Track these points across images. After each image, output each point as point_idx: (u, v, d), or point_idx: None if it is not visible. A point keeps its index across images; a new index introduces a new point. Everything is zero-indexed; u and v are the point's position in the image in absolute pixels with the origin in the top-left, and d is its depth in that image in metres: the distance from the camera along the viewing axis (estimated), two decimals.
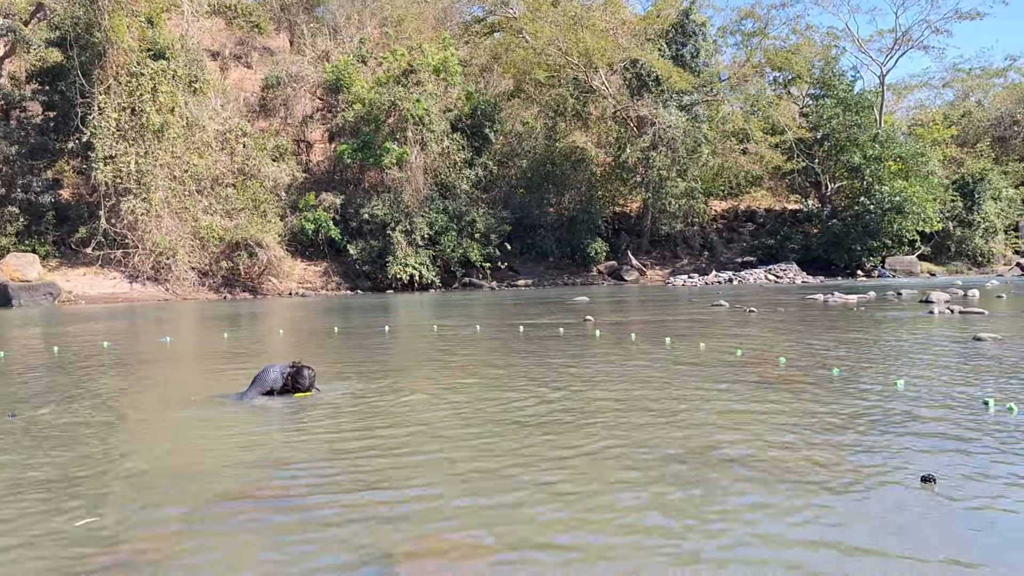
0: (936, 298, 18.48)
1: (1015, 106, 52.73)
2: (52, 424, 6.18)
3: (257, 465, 4.84)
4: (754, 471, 4.46)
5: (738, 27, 47.99)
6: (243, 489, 4.33)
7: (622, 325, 14.66)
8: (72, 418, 6.40)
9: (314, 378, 7.27)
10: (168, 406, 7.01)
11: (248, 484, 4.43)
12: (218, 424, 6.22)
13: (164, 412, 6.74)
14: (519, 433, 5.54)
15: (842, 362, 8.63)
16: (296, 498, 4.16)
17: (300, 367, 7.25)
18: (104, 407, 6.87)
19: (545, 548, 3.40)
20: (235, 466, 4.84)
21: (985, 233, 43.16)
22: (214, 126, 35.18)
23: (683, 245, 44.05)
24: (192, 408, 6.88)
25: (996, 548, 3.32)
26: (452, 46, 40.54)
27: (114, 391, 7.78)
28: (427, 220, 36.42)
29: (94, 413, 6.59)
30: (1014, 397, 6.41)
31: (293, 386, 7.19)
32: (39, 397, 7.47)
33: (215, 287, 33.29)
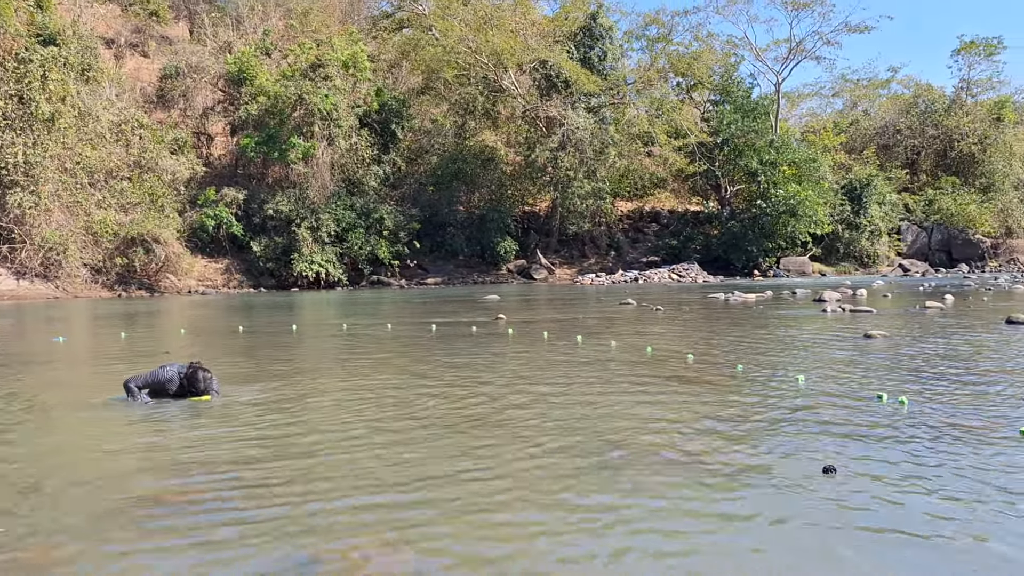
0: (828, 297, 19.43)
1: (898, 116, 55.90)
2: None
3: (159, 471, 4.68)
4: (663, 465, 4.61)
5: (643, 32, 49.19)
6: (145, 496, 4.19)
7: (534, 323, 14.82)
8: None
9: (210, 380, 6.94)
10: (64, 409, 6.68)
11: (150, 491, 4.28)
12: (117, 428, 5.97)
13: (59, 415, 6.42)
14: (432, 435, 5.55)
15: (745, 359, 8.98)
16: (199, 504, 4.05)
17: (196, 369, 6.92)
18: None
19: (456, 551, 3.43)
20: (136, 472, 4.67)
21: (871, 236, 45.57)
22: (108, 117, 33.58)
23: (590, 244, 44.80)
24: (89, 411, 6.58)
25: (892, 531, 3.54)
26: (361, 41, 40.00)
27: (3, 394, 7.36)
28: (334, 217, 35.81)
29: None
30: (904, 391, 6.83)
31: (189, 389, 6.91)
32: None
33: (109, 284, 31.82)
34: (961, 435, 5.27)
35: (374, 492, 4.18)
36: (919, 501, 3.94)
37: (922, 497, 4.00)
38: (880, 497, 4.00)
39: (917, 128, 54.64)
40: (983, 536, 3.47)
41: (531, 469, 4.59)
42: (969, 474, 4.38)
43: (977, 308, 17.19)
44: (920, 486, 4.19)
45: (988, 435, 5.28)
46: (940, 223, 49.04)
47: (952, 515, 3.73)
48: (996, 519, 3.68)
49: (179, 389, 6.91)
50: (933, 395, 6.71)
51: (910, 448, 4.96)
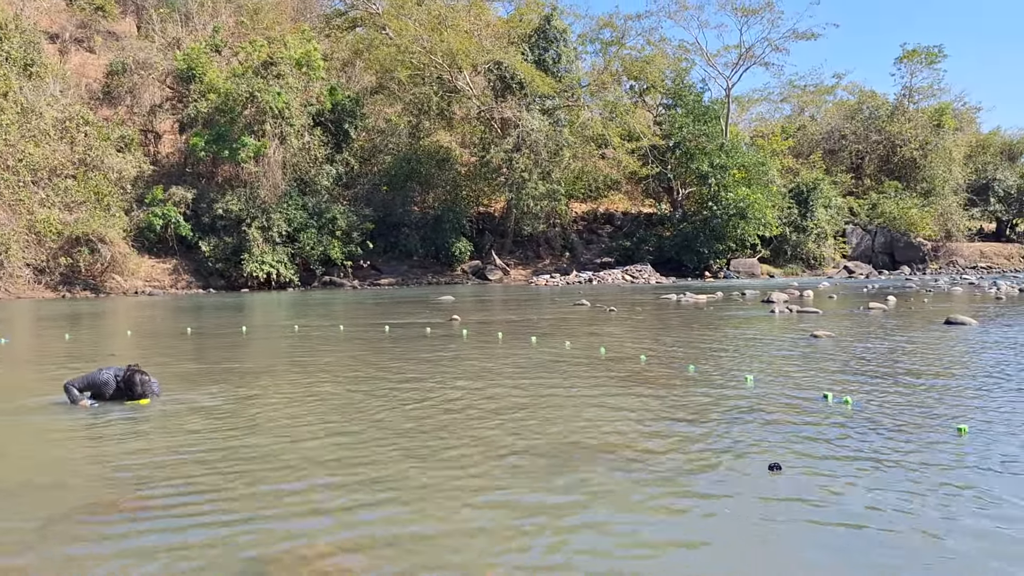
0: (776, 298, 19.83)
1: (843, 121, 57.28)
2: None
3: (100, 477, 4.60)
4: (617, 465, 4.68)
5: (597, 35, 49.61)
6: (88, 503, 4.12)
7: (488, 324, 14.85)
8: None
9: (148, 384, 6.78)
10: (3, 413, 6.51)
11: (93, 497, 4.21)
12: (57, 433, 5.84)
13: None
14: (385, 437, 5.54)
15: (697, 359, 9.14)
16: (144, 511, 4.00)
17: (133, 372, 6.76)
18: None
19: (404, 551, 3.45)
20: (77, 478, 4.58)
21: (817, 238, 46.58)
22: (52, 113, 32.73)
23: (545, 245, 44.99)
24: (29, 414, 6.43)
25: (839, 526, 3.66)
26: (314, 39, 39.60)
27: None
28: (285, 216, 35.38)
29: None
30: (849, 390, 7.02)
31: (126, 392, 6.75)
32: None
33: (53, 285, 30.99)
34: (903, 432, 5.45)
35: (323, 494, 4.17)
36: (865, 497, 4.07)
37: (868, 493, 4.13)
38: (826, 493, 4.12)
39: (861, 133, 56.04)
40: (930, 530, 3.60)
41: (482, 470, 4.62)
42: (911, 470, 4.53)
43: (918, 309, 17.72)
44: (865, 482, 4.32)
45: (928, 432, 5.47)
46: (883, 226, 50.35)
47: (897, 509, 3.86)
48: (941, 513, 3.82)
49: (116, 392, 6.76)
50: (876, 393, 6.92)
51: (855, 445, 5.11)
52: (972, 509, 3.86)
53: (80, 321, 18.32)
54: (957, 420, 5.75)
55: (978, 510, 3.85)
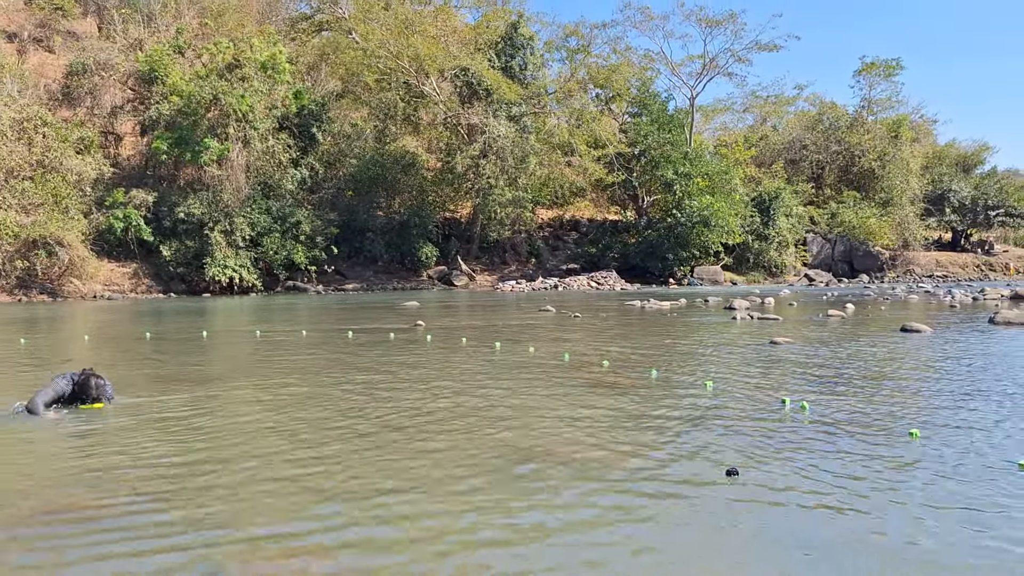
0: (738, 305, 20.07)
1: (804, 132, 58.28)
2: None
3: (51, 484, 4.53)
4: (575, 470, 4.72)
5: (564, 43, 49.89)
6: (38, 511, 4.05)
7: (453, 330, 14.84)
8: None
9: (103, 387, 6.70)
10: None
11: (44, 505, 4.14)
12: (7, 440, 5.73)
13: None
14: (344, 443, 5.53)
15: (659, 365, 9.23)
16: (95, 520, 3.94)
17: (88, 375, 6.68)
18: None
19: (360, 559, 3.45)
20: (27, 486, 4.50)
21: (779, 246, 47.27)
22: (9, 114, 31.99)
23: (511, 251, 45.06)
24: None
25: (789, 530, 3.73)
26: (279, 42, 39.27)
27: None
28: (248, 220, 34.98)
29: None
30: (806, 395, 7.15)
31: (80, 396, 6.65)
32: None
33: (8, 289, 30.28)
34: (857, 436, 5.57)
35: (280, 501, 4.14)
36: (821, 500, 4.15)
37: (823, 496, 4.22)
38: (783, 498, 4.20)
39: (822, 144, 57.04)
40: (883, 532, 3.68)
41: (441, 476, 4.63)
42: (864, 473, 4.63)
43: (875, 316, 18.07)
44: (820, 486, 4.41)
45: (881, 436, 5.59)
46: (843, 235, 51.26)
47: (851, 511, 3.95)
48: (893, 515, 3.91)
49: (71, 396, 6.66)
50: (833, 398, 7.06)
51: (810, 450, 5.21)
52: (925, 511, 3.96)
53: (36, 325, 17.95)
54: (909, 424, 5.89)
55: (929, 512, 3.95)
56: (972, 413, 6.38)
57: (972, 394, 7.27)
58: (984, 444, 5.33)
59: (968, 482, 4.45)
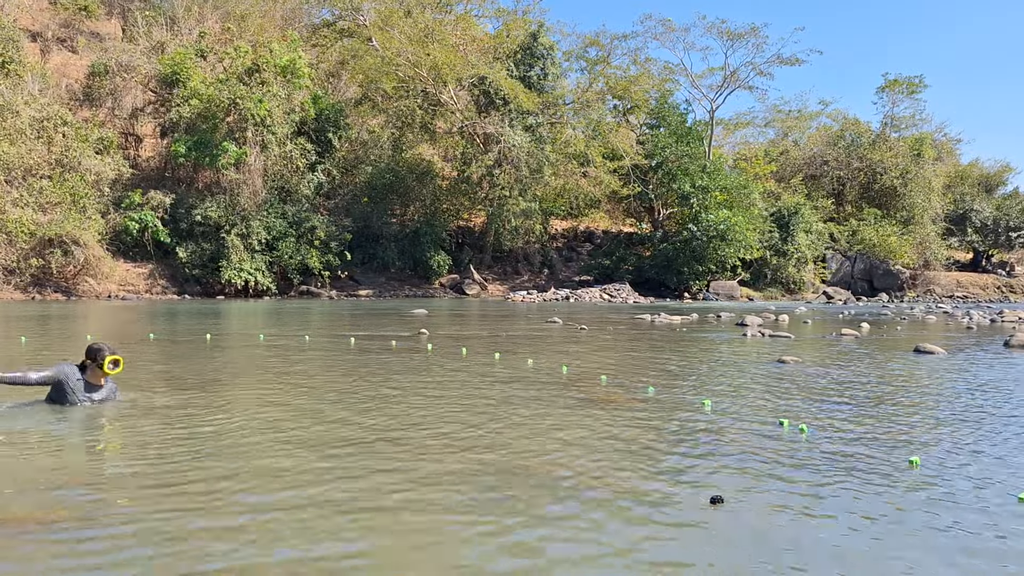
0: (750, 321, 19.78)
1: (825, 147, 57.80)
2: None
3: (27, 489, 4.39)
4: (560, 489, 4.53)
5: (583, 53, 49.86)
6: (19, 513, 3.92)
7: (456, 339, 14.68)
8: None
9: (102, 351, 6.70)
10: None
11: (18, 511, 4.01)
12: None
13: None
14: (333, 455, 5.36)
15: (658, 381, 9.01)
16: (65, 530, 3.80)
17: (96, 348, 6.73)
18: None
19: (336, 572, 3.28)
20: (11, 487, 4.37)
21: (797, 262, 46.81)
22: (29, 112, 32.33)
23: (524, 262, 44.93)
24: None
25: (772, 561, 3.52)
26: (300, 47, 39.48)
27: None
28: (265, 224, 35.13)
29: None
30: (806, 417, 6.91)
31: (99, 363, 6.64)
32: None
33: (23, 287, 30.52)
34: (855, 463, 5.33)
35: (252, 514, 3.98)
36: (809, 530, 3.94)
37: (812, 527, 4.00)
38: (768, 528, 3.98)
39: (843, 160, 56.53)
40: (874, 563, 3.47)
41: (420, 493, 4.45)
42: (864, 504, 4.39)
43: (891, 336, 17.71)
44: (811, 515, 4.19)
45: (880, 463, 5.34)
46: (863, 253, 50.70)
47: (847, 546, 3.73)
48: (885, 547, 3.69)
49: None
50: (834, 422, 6.81)
51: (804, 476, 4.97)
52: (919, 543, 3.74)
53: (44, 324, 17.97)
54: (912, 451, 5.64)
55: (924, 545, 3.72)
56: (978, 441, 6.12)
57: (979, 421, 6.99)
58: (987, 475, 5.08)
59: (966, 514, 4.21)
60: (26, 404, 6.73)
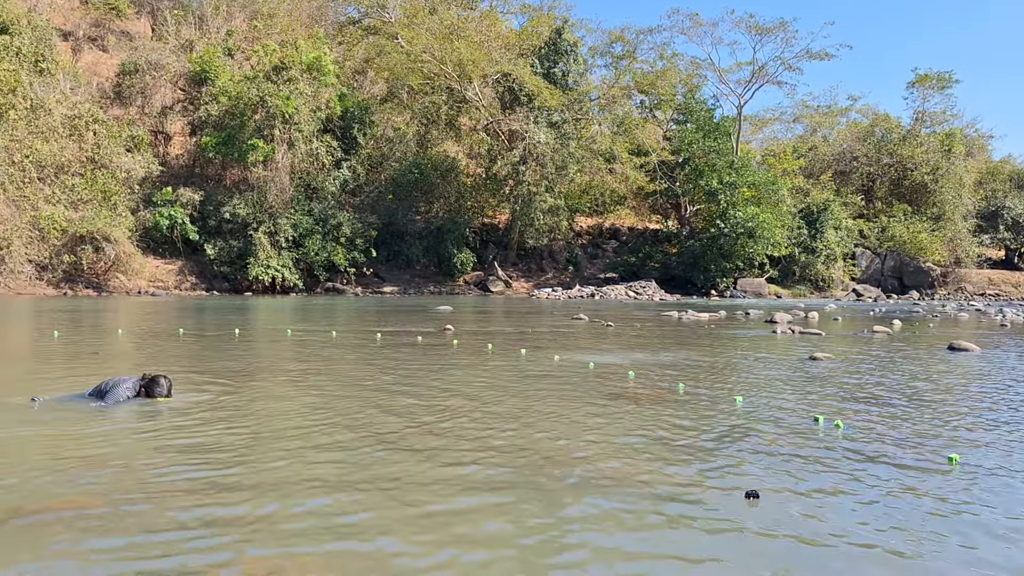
0: (780, 319, 19.54)
1: (855, 143, 57.04)
2: None
3: (57, 477, 4.42)
4: (590, 485, 4.47)
5: (608, 49, 49.62)
6: (43, 505, 3.93)
7: (481, 335, 14.65)
8: None
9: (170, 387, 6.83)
10: None
11: (53, 499, 4.02)
12: (23, 432, 5.67)
13: None
14: (359, 446, 5.34)
15: (688, 378, 8.91)
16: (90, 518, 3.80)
17: (155, 377, 6.83)
18: None
19: (380, 567, 3.25)
20: (32, 478, 4.40)
21: (826, 260, 46.26)
22: (62, 110, 32.80)
23: (549, 259, 44.81)
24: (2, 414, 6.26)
25: (809, 559, 3.44)
26: (326, 45, 39.67)
27: None
28: (292, 221, 35.36)
29: None
30: (841, 413, 6.79)
31: (147, 396, 6.76)
32: None
33: (55, 282, 30.98)
34: (893, 459, 5.21)
35: (269, 507, 3.97)
36: (846, 526, 3.85)
37: (849, 522, 3.91)
38: (805, 523, 3.90)
39: (873, 156, 55.77)
40: (911, 560, 3.38)
41: (447, 489, 4.41)
42: (899, 501, 4.29)
43: (923, 334, 17.43)
44: (847, 511, 4.09)
45: (918, 460, 5.23)
46: (893, 250, 50.00)
47: (886, 544, 3.64)
48: (922, 544, 3.59)
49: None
50: (869, 418, 6.68)
51: (841, 472, 4.87)
52: (955, 540, 3.63)
53: (76, 319, 18.21)
54: (949, 448, 5.51)
55: (960, 540, 3.62)
56: (1018, 438, 5.97)
57: (1017, 418, 6.83)
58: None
59: (1009, 511, 4.09)
60: (69, 397, 6.80)
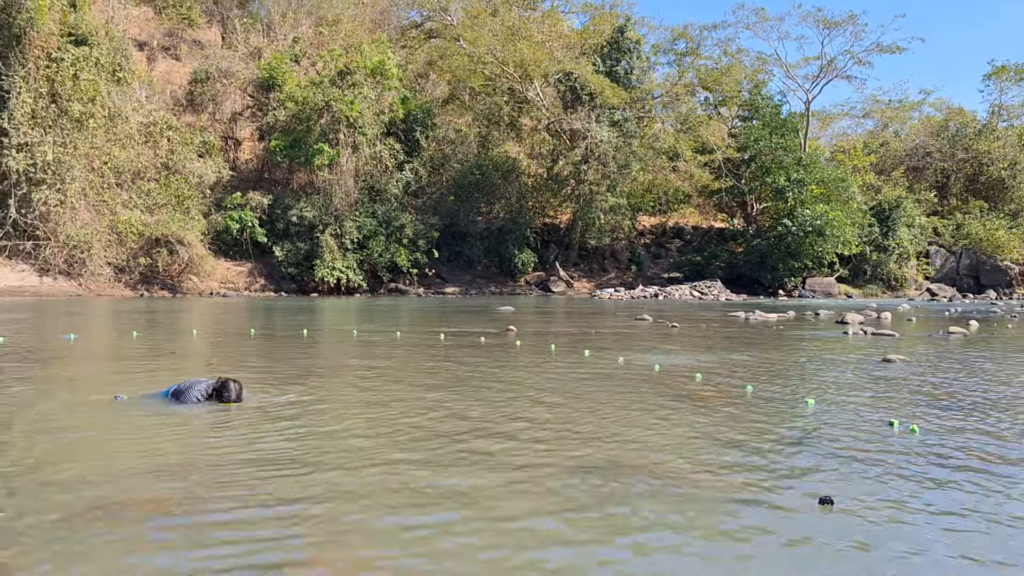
0: (851, 319, 19.01)
1: (928, 138, 55.18)
2: None
3: (142, 474, 4.56)
4: (659, 489, 4.41)
5: (671, 46, 49.04)
6: (126, 498, 4.07)
7: (544, 336, 14.64)
8: None
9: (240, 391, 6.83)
10: (54, 408, 6.59)
11: (134, 493, 4.16)
12: (107, 430, 5.87)
13: (49, 414, 6.34)
14: (426, 447, 5.38)
15: (756, 380, 8.74)
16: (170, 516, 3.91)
17: (226, 381, 6.85)
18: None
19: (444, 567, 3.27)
20: (119, 474, 4.55)
21: (899, 258, 44.87)
22: (138, 118, 33.97)
23: (611, 259, 44.52)
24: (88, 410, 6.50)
25: (883, 567, 3.32)
26: (390, 49, 40.18)
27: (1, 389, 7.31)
28: (356, 224, 35.94)
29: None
30: (918, 417, 6.56)
31: (218, 399, 6.81)
32: None
33: (132, 284, 32.11)
34: (973, 467, 5.02)
35: (348, 505, 4.03)
36: (923, 537, 3.71)
37: (926, 533, 3.77)
38: (880, 532, 3.78)
39: (947, 151, 53.89)
40: None
41: (526, 486, 4.41)
42: (979, 510, 4.13)
43: (1002, 335, 16.76)
44: (925, 521, 3.95)
45: (1002, 467, 5.02)
46: (969, 248, 48.21)
47: (968, 553, 3.50)
48: (1007, 558, 3.44)
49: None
50: (947, 424, 6.44)
51: (918, 480, 4.71)
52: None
53: (153, 320, 18.83)
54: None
55: None
56: None
57: None
58: None
59: None
60: (149, 396, 7.01)
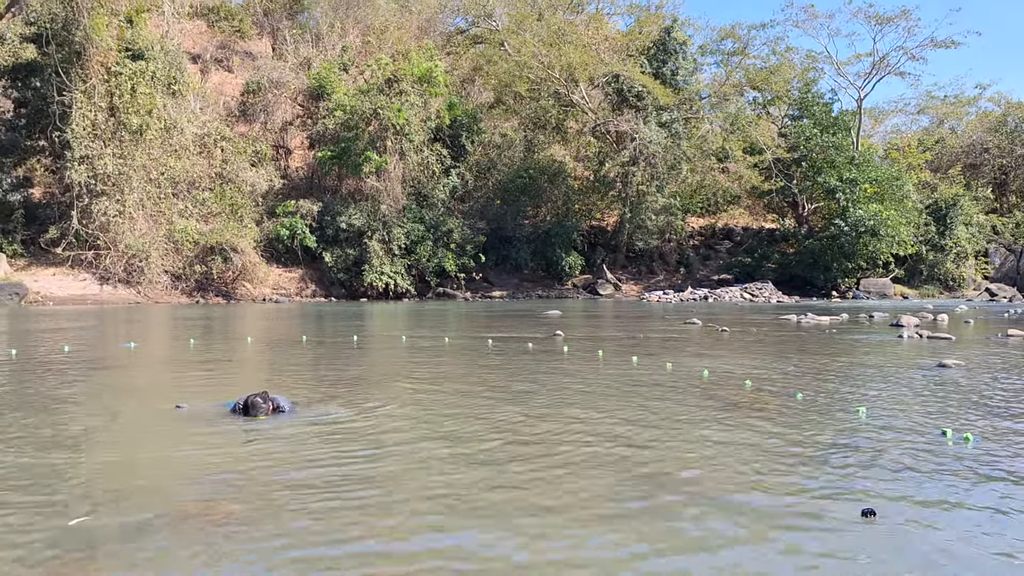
0: (906, 322, 18.61)
1: (986, 134, 53.61)
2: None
3: (200, 484, 4.72)
4: (706, 498, 4.41)
5: (718, 47, 48.56)
6: (195, 507, 4.22)
7: (592, 341, 14.63)
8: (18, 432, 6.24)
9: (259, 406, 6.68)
10: (122, 418, 6.84)
11: (202, 502, 4.31)
12: (163, 439, 6.07)
13: (116, 425, 6.57)
14: (476, 459, 5.46)
15: (807, 386, 8.63)
16: (224, 526, 4.05)
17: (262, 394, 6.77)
18: (49, 416, 6.69)
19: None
20: (177, 485, 4.72)
21: (956, 258, 43.69)
22: (192, 129, 34.84)
23: (659, 261, 44.19)
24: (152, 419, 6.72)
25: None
26: (436, 56, 40.53)
27: (62, 399, 7.59)
28: (404, 229, 36.32)
29: (36, 422, 6.42)
30: (973, 426, 6.43)
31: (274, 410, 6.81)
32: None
33: (188, 291, 32.92)
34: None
35: (404, 517, 4.12)
36: (975, 553, 3.66)
37: (978, 549, 3.71)
38: (928, 548, 3.73)
39: (1006, 147, 52.29)
40: None
41: (574, 497, 4.45)
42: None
43: None
44: (977, 536, 3.89)
45: None
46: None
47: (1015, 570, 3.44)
48: None
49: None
50: (1004, 432, 6.30)
51: (969, 492, 4.63)
52: None
53: (209, 327, 19.30)
54: None
55: None
56: None
57: None
58: None
59: None
60: (210, 406, 7.22)
